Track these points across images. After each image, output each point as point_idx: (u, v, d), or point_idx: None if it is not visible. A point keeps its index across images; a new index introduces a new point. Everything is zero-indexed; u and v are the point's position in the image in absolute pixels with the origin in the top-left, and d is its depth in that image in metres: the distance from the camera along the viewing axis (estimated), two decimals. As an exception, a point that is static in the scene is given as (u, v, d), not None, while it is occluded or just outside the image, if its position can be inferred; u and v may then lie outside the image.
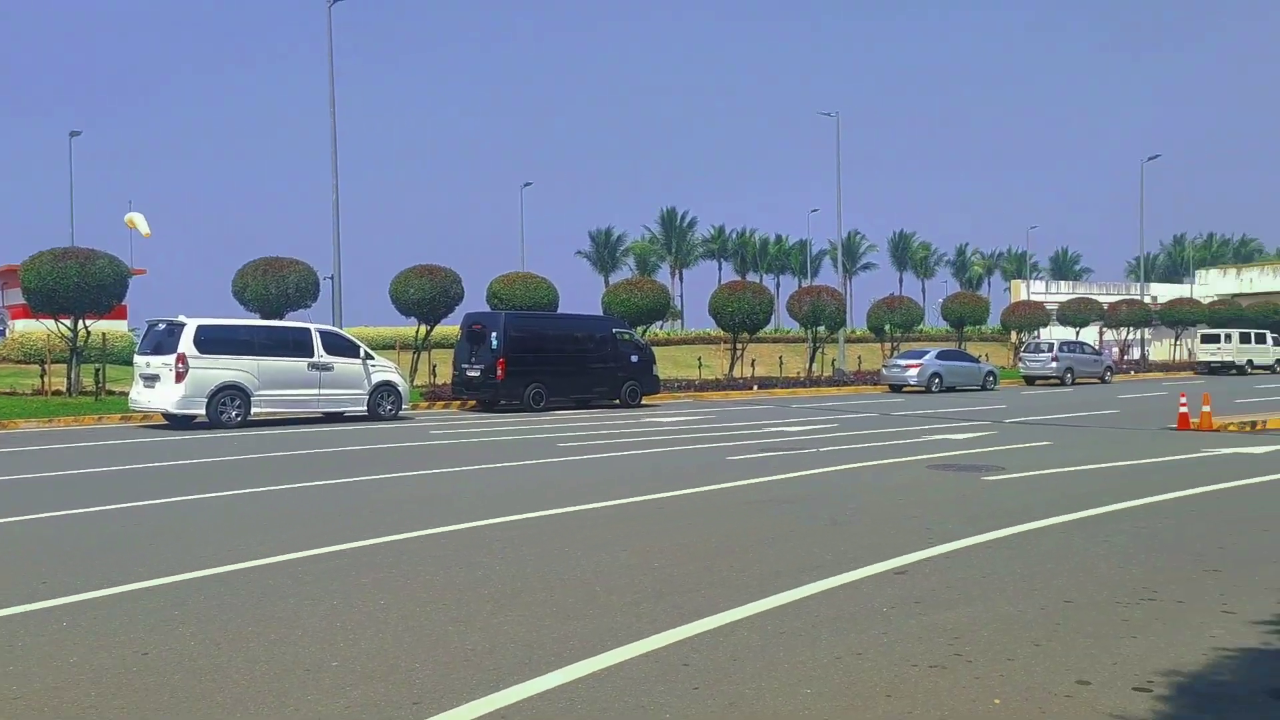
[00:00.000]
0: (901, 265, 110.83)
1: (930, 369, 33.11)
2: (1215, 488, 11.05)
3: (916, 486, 11.39)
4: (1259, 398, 28.04)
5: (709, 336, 52.99)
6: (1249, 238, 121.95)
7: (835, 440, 17.07)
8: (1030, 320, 48.41)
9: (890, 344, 41.63)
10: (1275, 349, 48.16)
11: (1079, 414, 23.10)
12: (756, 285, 38.04)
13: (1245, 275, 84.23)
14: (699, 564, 7.35)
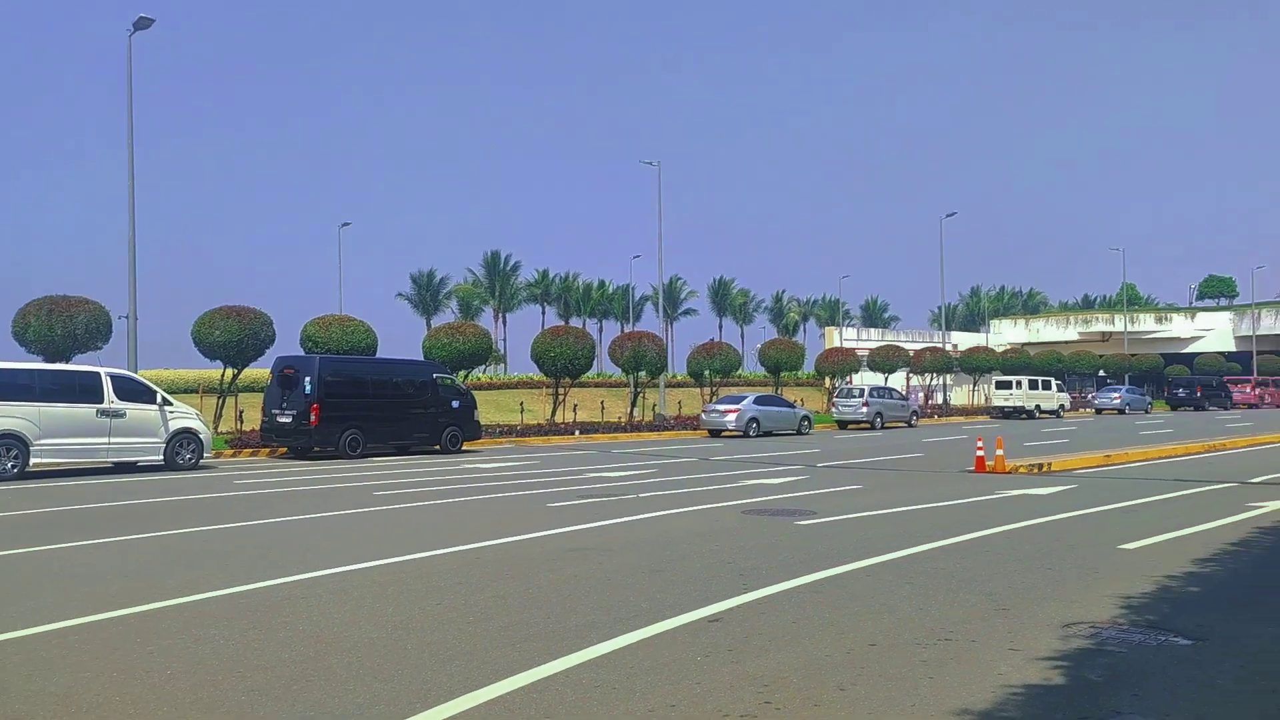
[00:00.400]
0: (721, 311, 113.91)
1: (748, 414, 33.96)
2: (1006, 528, 11.70)
3: (732, 532, 11.56)
4: (1045, 440, 30.06)
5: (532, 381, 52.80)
6: (1036, 290, 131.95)
7: (655, 486, 17.20)
8: (842, 366, 50.52)
9: (710, 389, 42.54)
10: (1060, 395, 51.91)
11: (887, 457, 24.13)
12: (579, 330, 38.20)
13: (1033, 325, 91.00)
14: (516, 616, 7.19)
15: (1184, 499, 14.86)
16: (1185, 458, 23.19)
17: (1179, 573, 8.85)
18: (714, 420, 34.33)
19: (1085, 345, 78.77)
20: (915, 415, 42.98)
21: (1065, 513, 13.10)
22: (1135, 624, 6.93)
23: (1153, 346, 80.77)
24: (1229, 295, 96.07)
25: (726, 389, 46.27)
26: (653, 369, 38.49)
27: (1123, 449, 24.32)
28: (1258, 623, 7.04)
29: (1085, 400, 59.96)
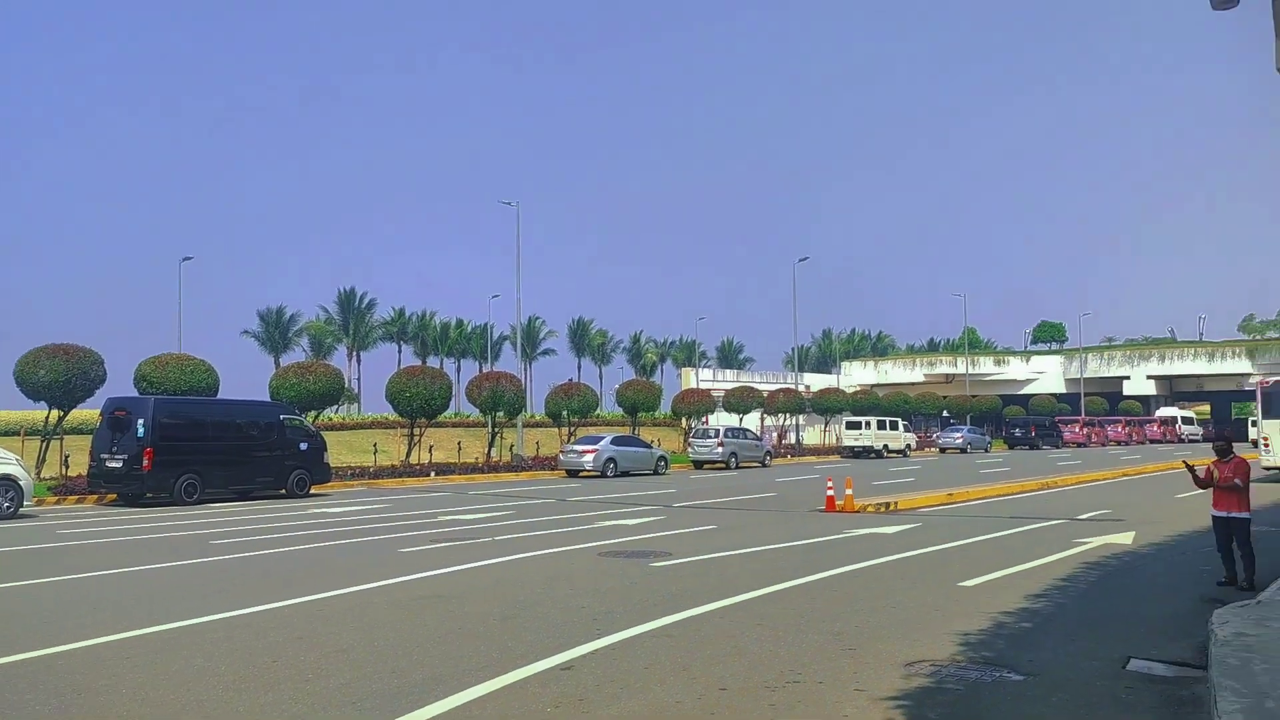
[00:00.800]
0: (580, 351, 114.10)
1: (606, 454, 33.96)
2: (854, 567, 11.98)
3: (587, 575, 11.46)
4: (893, 479, 31.06)
5: (387, 421, 51.50)
6: (885, 334, 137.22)
7: (511, 528, 16.93)
8: (698, 407, 51.15)
9: (568, 429, 42.41)
10: (906, 435, 53.84)
11: (742, 497, 24.46)
12: (435, 370, 37.55)
13: (882, 367, 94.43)
14: (357, 672, 6.89)
15: (1019, 536, 15.54)
16: (1021, 495, 24.31)
17: (1013, 609, 9.20)
18: (572, 461, 34.19)
19: (930, 387, 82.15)
20: (769, 455, 43.80)
21: (909, 551, 13.50)
22: (973, 661, 7.15)
23: (992, 388, 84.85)
24: (1059, 340, 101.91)
25: (585, 429, 46.21)
26: (511, 409, 38.13)
27: (964, 487, 25.31)
28: (1084, 657, 7.36)
29: (930, 440, 62.29)
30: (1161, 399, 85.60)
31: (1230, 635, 7.33)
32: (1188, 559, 12.95)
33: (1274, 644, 7.08)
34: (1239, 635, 7.35)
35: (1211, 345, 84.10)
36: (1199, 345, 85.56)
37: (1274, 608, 8.65)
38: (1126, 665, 7.12)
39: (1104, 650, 7.57)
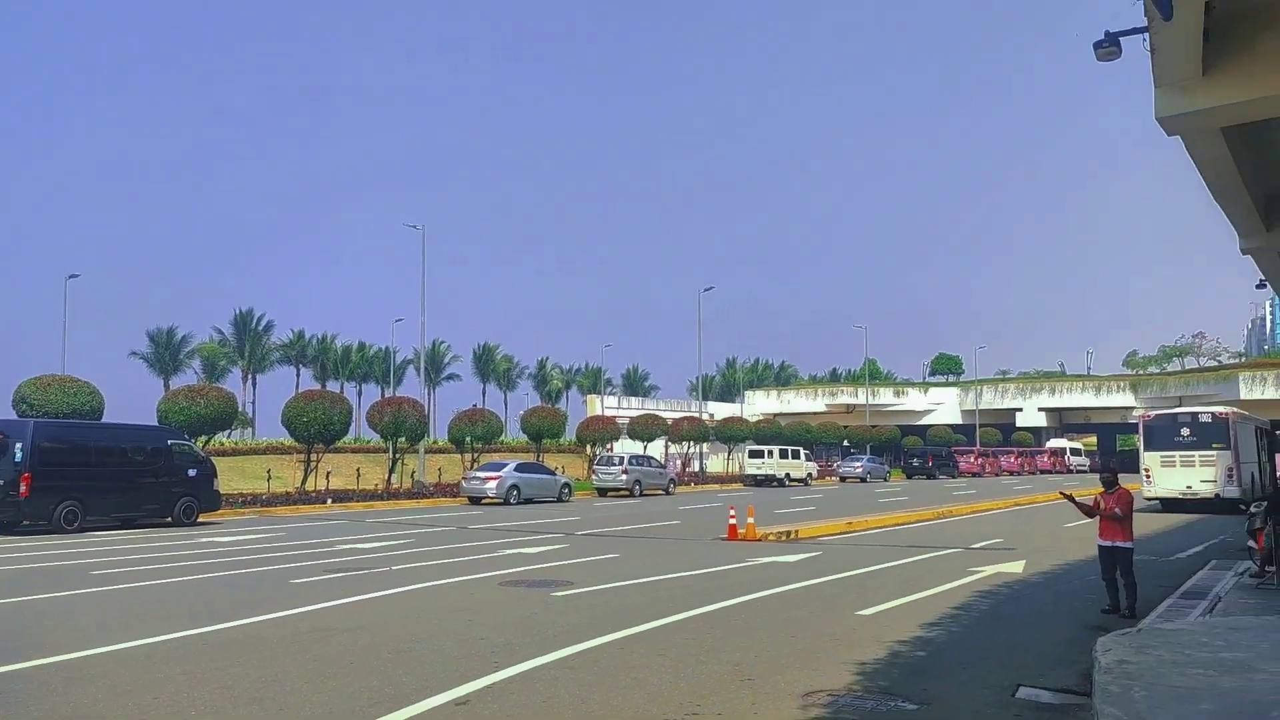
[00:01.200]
0: (485, 377, 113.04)
1: (509, 481, 33.62)
2: (755, 596, 12.04)
3: (487, 606, 11.28)
4: (795, 507, 31.43)
5: (283, 447, 50.09)
6: (788, 364, 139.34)
7: (410, 557, 16.59)
8: (603, 434, 51.09)
9: (472, 456, 41.90)
10: (808, 464, 54.63)
11: (645, 525, 24.45)
12: (334, 394, 36.75)
13: (784, 397, 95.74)
14: (240, 711, 6.63)
15: (915, 564, 15.84)
16: (918, 524, 24.83)
17: (909, 638, 9.35)
18: (474, 487, 33.75)
19: (832, 416, 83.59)
20: (673, 483, 43.94)
21: (809, 580, 13.64)
22: (869, 691, 7.23)
23: (892, 418, 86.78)
24: (956, 372, 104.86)
25: (489, 455, 45.69)
26: (413, 435, 37.49)
27: (863, 516, 25.76)
28: (976, 686, 7.51)
29: (831, 469, 63.33)
30: (1052, 430, 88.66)
31: (1113, 663, 7.56)
32: (1074, 588, 13.36)
33: (1153, 671, 7.33)
34: (1121, 663, 7.58)
35: (1098, 379, 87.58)
36: (1086, 379, 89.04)
37: (1154, 635, 8.96)
38: (1016, 693, 7.28)
39: (994, 679, 7.74)
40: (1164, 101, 10.43)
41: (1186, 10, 8.55)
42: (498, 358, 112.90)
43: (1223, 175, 13.17)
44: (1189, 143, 11.80)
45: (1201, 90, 10.21)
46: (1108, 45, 10.24)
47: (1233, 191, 14.10)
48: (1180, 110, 10.37)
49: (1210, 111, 10.41)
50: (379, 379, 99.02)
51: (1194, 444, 29.37)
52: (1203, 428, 29.48)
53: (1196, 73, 10.08)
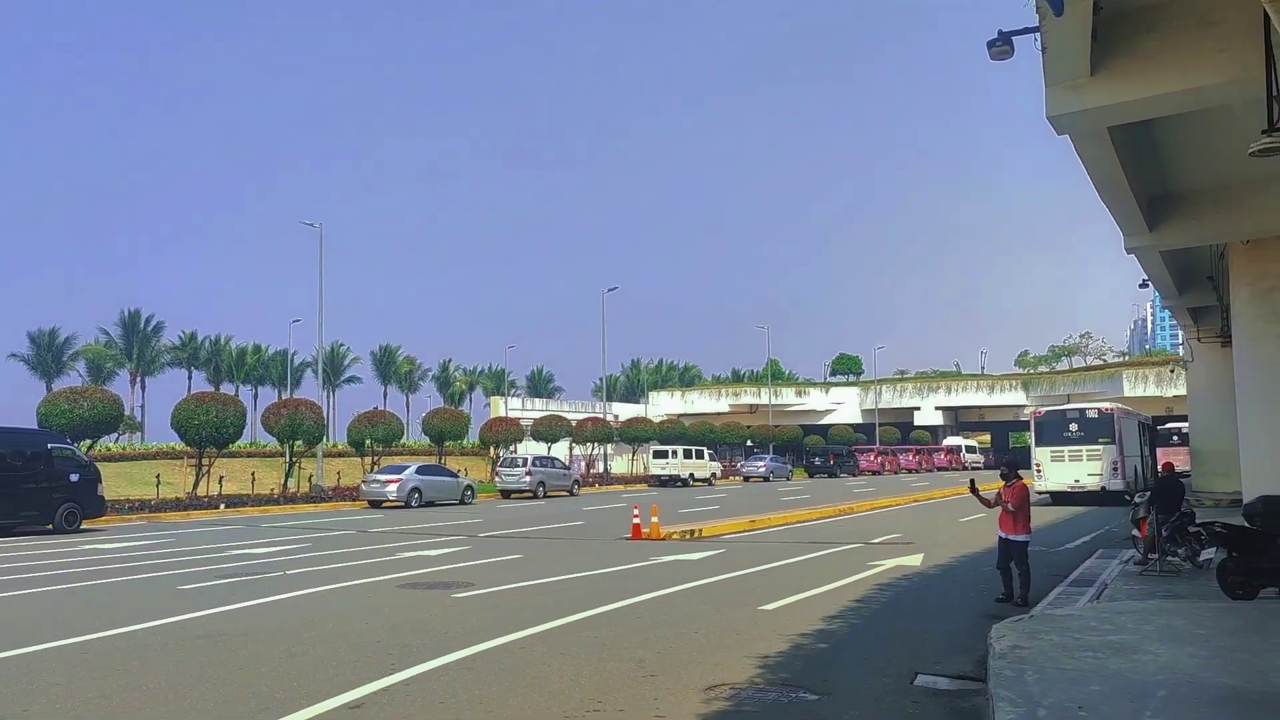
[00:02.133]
0: (386, 379, 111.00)
1: (410, 484, 32.99)
2: (658, 594, 11.98)
3: (384, 609, 10.96)
4: (698, 507, 31.54)
5: (174, 451, 48.44)
6: (692, 365, 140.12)
7: (305, 562, 16.09)
8: (507, 436, 50.60)
9: (372, 459, 41.04)
10: (712, 463, 54.98)
11: (549, 526, 24.22)
12: (226, 396, 35.55)
13: (689, 397, 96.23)
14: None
15: (817, 560, 16.00)
16: (820, 521, 25.14)
17: (810, 631, 9.39)
18: (374, 491, 33.02)
19: (735, 417, 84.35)
20: (577, 484, 43.74)
21: (713, 577, 13.64)
22: (771, 683, 7.20)
23: (794, 418, 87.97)
24: (856, 372, 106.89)
25: (390, 458, 44.85)
26: (310, 438, 36.51)
27: (766, 514, 25.96)
28: (875, 675, 7.55)
29: (735, 468, 63.85)
30: (948, 429, 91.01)
31: (1006, 649, 7.69)
32: (970, 578, 13.64)
33: (1045, 655, 7.47)
34: (1014, 648, 7.72)
35: (992, 378, 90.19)
36: (981, 378, 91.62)
37: (1045, 621, 9.17)
38: (914, 681, 7.34)
39: (893, 668, 7.80)
40: (1054, 100, 10.71)
41: (1076, 9, 8.76)
42: (399, 359, 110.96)
43: (1109, 175, 13.61)
44: (1078, 142, 12.15)
45: (1090, 89, 10.51)
46: (1000, 44, 10.46)
47: (1118, 191, 14.59)
48: (1070, 109, 10.66)
49: (1098, 110, 10.73)
50: (276, 382, 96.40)
51: (1081, 439, 30.43)
52: (1089, 423, 30.56)
53: (1085, 72, 10.37)
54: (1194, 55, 10.17)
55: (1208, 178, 16.99)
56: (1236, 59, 9.95)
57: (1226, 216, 17.50)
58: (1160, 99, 10.49)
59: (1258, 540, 10.59)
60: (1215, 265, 23.38)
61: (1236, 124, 12.96)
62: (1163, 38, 10.33)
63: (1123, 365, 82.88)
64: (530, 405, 75.61)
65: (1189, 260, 24.43)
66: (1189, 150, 15.44)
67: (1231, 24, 9.91)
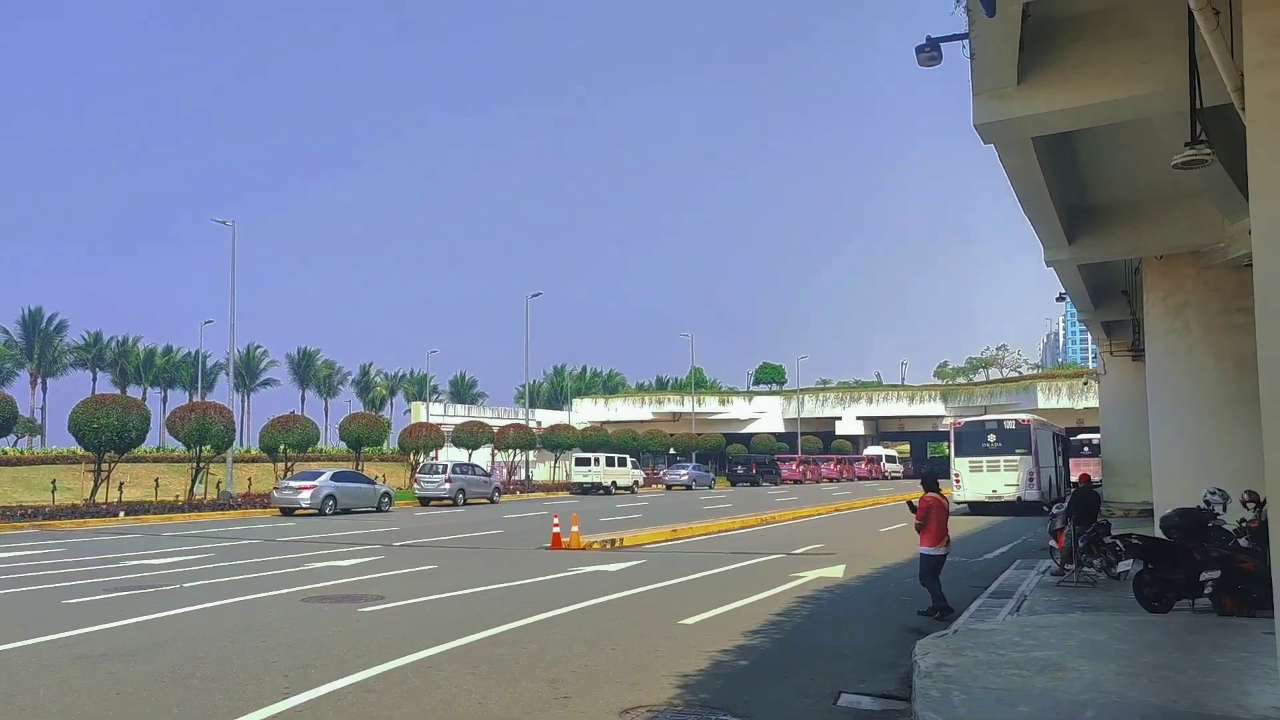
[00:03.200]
0: (304, 383, 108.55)
1: (324, 491, 32.02)
2: (575, 608, 11.57)
3: (284, 624, 10.37)
4: (620, 515, 31.19)
5: (75, 456, 46.44)
6: (616, 372, 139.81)
7: (205, 574, 15.31)
8: (427, 442, 49.66)
9: (285, 464, 39.84)
10: (634, 471, 54.68)
11: (467, 535, 23.63)
12: (129, 399, 34.11)
13: (612, 404, 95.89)
14: (-32, 757, 5.66)
15: (739, 571, 15.75)
16: (742, 531, 24.97)
17: (731, 647, 9.08)
18: (287, 498, 31.97)
19: (659, 424, 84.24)
20: (498, 491, 43.05)
21: (632, 589, 13.29)
22: (690, 705, 6.86)
23: (717, 427, 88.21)
24: (779, 382, 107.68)
25: (305, 464, 43.64)
26: (219, 442, 35.23)
27: (688, 524, 25.70)
28: (798, 694, 7.26)
29: (657, 476, 63.64)
30: (869, 438, 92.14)
31: (931, 666, 7.47)
32: (891, 590, 13.50)
33: (970, 674, 7.26)
34: (939, 666, 7.50)
35: (912, 389, 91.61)
36: (901, 389, 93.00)
37: (968, 636, 9.00)
38: (838, 701, 7.07)
39: (816, 687, 7.52)
40: (981, 109, 10.61)
41: (1004, 15, 8.64)
42: (318, 363, 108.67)
43: (1032, 186, 13.64)
44: (1002, 152, 12.11)
45: (1017, 98, 10.43)
46: (929, 50, 10.33)
47: (1040, 203, 14.64)
48: (996, 118, 10.57)
49: (1024, 120, 10.67)
50: (187, 385, 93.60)
51: (999, 450, 30.83)
52: (1007, 434, 30.99)
53: (1012, 80, 10.29)
54: (1120, 66, 10.16)
55: (1125, 193, 17.22)
56: (1161, 71, 9.96)
57: (1141, 232, 17.77)
58: (1085, 109, 10.47)
59: (1173, 553, 10.62)
60: (1129, 280, 23.83)
61: (1155, 139, 13.08)
62: (1089, 47, 10.31)
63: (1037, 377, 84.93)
64: (452, 411, 74.54)
65: (1105, 275, 24.87)
66: (1109, 164, 15.61)
67: (1158, 35, 9.92)
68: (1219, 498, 11.28)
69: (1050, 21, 10.38)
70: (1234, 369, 17.19)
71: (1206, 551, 10.35)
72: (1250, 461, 17.11)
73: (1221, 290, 17.98)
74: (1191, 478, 16.71)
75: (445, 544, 21.07)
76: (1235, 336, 17.46)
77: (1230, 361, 17.37)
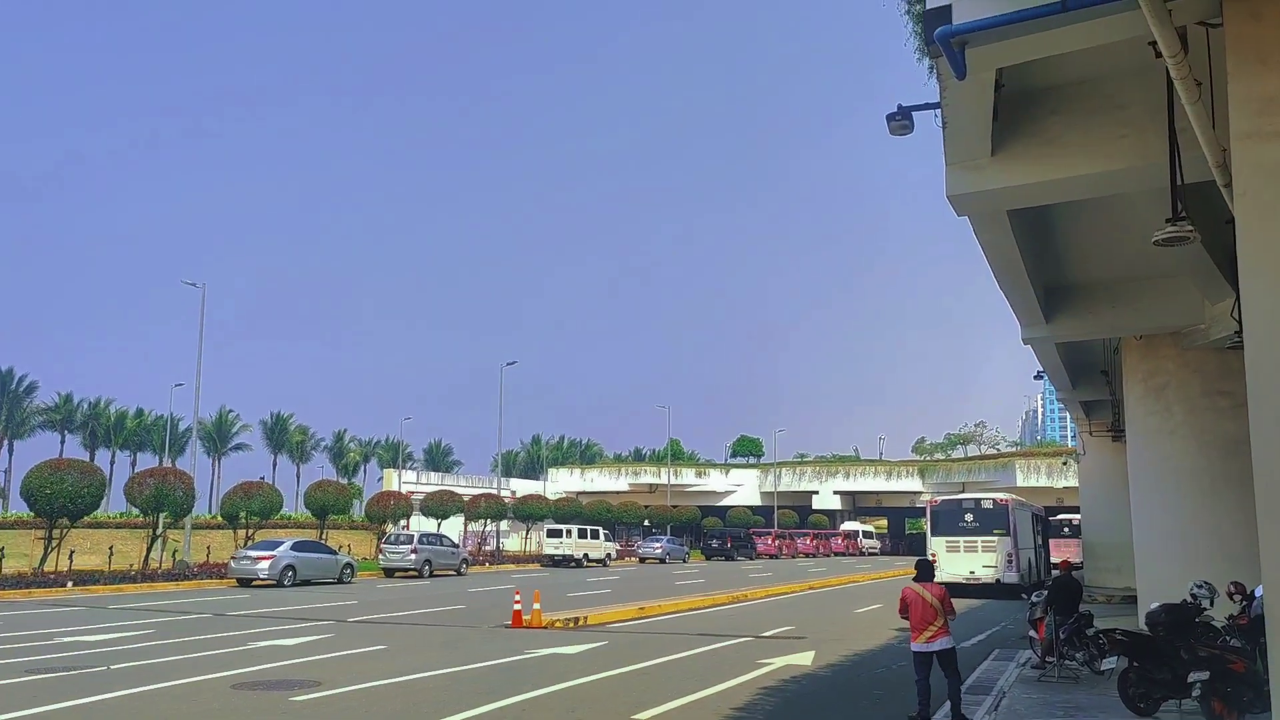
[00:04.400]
0: (277, 448, 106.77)
1: (284, 561, 30.96)
2: (526, 696, 10.83)
3: (207, 717, 9.57)
4: (590, 590, 30.27)
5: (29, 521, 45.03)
6: (593, 442, 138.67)
7: (140, 653, 14.42)
8: (395, 511, 48.55)
9: (246, 532, 38.67)
10: (607, 544, 53.65)
11: (427, 610, 22.73)
12: (84, 463, 33.05)
13: (588, 475, 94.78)
14: None
15: (704, 656, 14.98)
16: (712, 609, 24.13)
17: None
18: (244, 568, 30.87)
19: (634, 496, 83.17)
20: (465, 563, 41.95)
21: (589, 675, 12.52)
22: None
23: (693, 499, 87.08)
24: (756, 454, 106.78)
25: (268, 532, 42.44)
26: (179, 509, 34.14)
27: (657, 600, 24.89)
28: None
29: (632, 549, 62.54)
30: (846, 513, 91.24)
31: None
32: (863, 683, 12.78)
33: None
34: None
35: (890, 464, 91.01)
36: (879, 464, 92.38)
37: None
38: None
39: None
40: (955, 180, 10.24)
41: (977, 81, 8.28)
42: (291, 428, 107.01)
43: (1007, 262, 13.26)
44: (977, 225, 11.74)
45: (991, 170, 10.07)
46: (900, 119, 9.98)
47: (1016, 279, 14.27)
48: (970, 189, 10.20)
49: (998, 192, 10.29)
50: (157, 448, 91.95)
51: (977, 530, 30.18)
52: (985, 514, 30.38)
53: (986, 151, 9.93)
54: (1098, 139, 9.83)
55: (1104, 271, 16.91)
56: (1140, 145, 9.64)
57: (1120, 312, 17.42)
58: (1061, 183, 10.11)
59: (1159, 651, 10.00)
60: (1109, 360, 23.47)
61: (1135, 216, 12.77)
62: (1066, 120, 9.99)
63: (1016, 455, 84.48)
64: (426, 479, 73.35)
65: (1083, 354, 24.54)
66: (1087, 241, 15.30)
67: (1137, 108, 9.61)
68: (1206, 591, 10.71)
69: (1025, 92, 10.07)
70: (1218, 453, 16.72)
71: (1194, 650, 9.73)
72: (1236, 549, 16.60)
73: (1204, 372, 17.59)
74: (1175, 566, 16.17)
75: (401, 620, 20.18)
76: (1218, 420, 17.04)
77: (1214, 445, 16.91)
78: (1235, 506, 16.38)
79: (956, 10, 6.77)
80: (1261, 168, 5.96)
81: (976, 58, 7.04)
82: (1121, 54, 9.44)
